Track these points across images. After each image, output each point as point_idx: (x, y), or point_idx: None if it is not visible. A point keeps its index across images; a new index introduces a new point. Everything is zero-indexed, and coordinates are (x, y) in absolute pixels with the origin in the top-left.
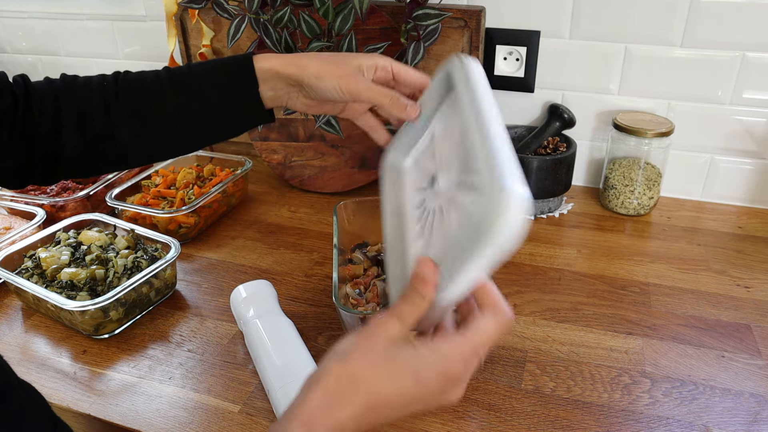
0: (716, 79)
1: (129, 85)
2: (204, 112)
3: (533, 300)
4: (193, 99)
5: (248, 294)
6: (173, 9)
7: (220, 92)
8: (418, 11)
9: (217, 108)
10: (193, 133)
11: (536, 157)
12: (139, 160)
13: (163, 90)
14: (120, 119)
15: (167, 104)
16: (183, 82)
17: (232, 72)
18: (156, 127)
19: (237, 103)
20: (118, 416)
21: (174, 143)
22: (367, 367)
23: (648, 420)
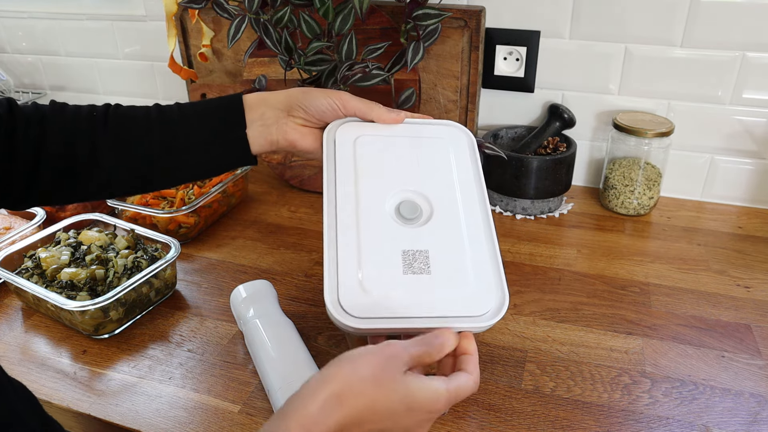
0: (716, 79)
1: (118, 117)
2: (189, 150)
3: (533, 300)
4: (178, 136)
5: (248, 294)
6: (173, 9)
7: (206, 131)
8: (418, 11)
9: (201, 147)
10: (176, 170)
11: (536, 157)
12: (119, 191)
13: (151, 125)
14: (105, 149)
15: (153, 139)
16: (171, 119)
17: (221, 110)
18: (140, 161)
19: (222, 144)
20: (118, 416)
21: (156, 178)
22: (370, 384)
23: (648, 420)
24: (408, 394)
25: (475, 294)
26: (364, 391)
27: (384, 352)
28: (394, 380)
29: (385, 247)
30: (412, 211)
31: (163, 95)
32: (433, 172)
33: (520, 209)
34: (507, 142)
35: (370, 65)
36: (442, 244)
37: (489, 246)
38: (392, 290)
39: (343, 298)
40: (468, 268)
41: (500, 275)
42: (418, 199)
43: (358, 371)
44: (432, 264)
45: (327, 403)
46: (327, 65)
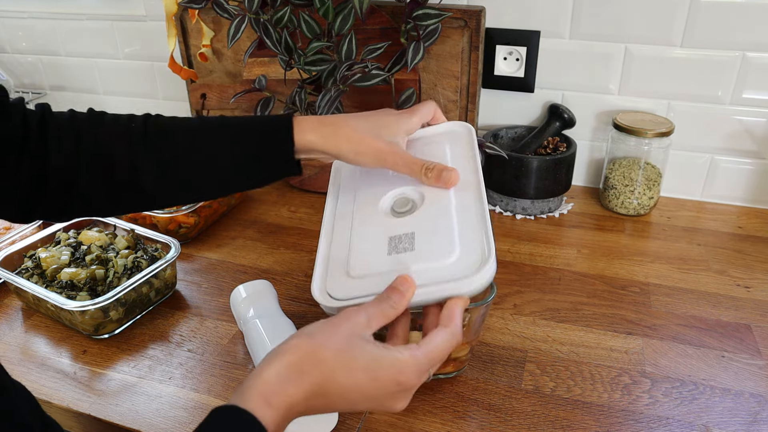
0: (716, 79)
1: (158, 130)
2: (232, 168)
3: (533, 300)
4: (222, 153)
5: (248, 294)
6: (173, 9)
7: (252, 152)
8: (418, 11)
9: (246, 166)
10: (219, 186)
11: (536, 157)
12: (159, 205)
13: (194, 140)
14: (145, 166)
15: (195, 155)
16: (215, 135)
17: (268, 134)
18: (182, 177)
19: (268, 163)
20: (118, 416)
21: (198, 192)
22: (329, 351)
23: (648, 420)
24: (369, 364)
25: (459, 260)
26: (323, 358)
27: (341, 318)
28: (354, 347)
29: (374, 237)
30: (404, 204)
31: (163, 95)
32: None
33: (520, 209)
34: (507, 142)
35: (370, 65)
36: (429, 224)
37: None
38: (376, 271)
39: (329, 283)
40: (454, 239)
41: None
42: (411, 193)
43: (315, 339)
44: (417, 242)
45: (285, 371)
46: (327, 65)
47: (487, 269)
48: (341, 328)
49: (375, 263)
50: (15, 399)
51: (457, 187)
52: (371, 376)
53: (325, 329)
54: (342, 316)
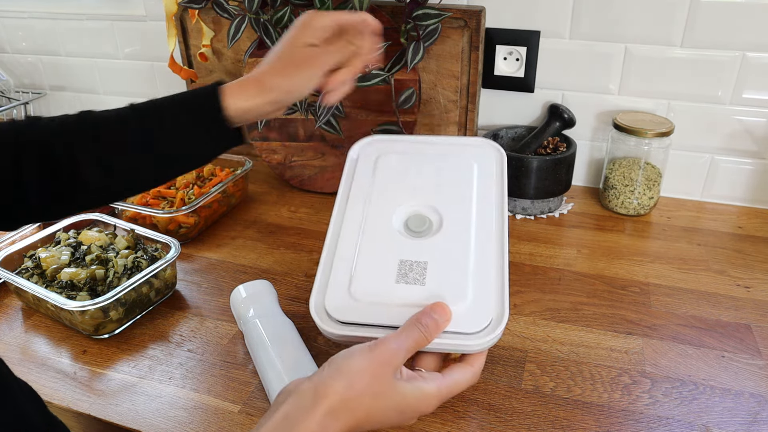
0: (716, 79)
1: (92, 123)
2: (171, 146)
3: (533, 300)
4: (156, 132)
5: (248, 294)
6: (173, 9)
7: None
8: (418, 11)
9: (183, 141)
10: (160, 167)
11: (536, 157)
12: (108, 198)
13: (126, 126)
14: (86, 160)
15: (131, 140)
16: (146, 116)
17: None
18: (122, 164)
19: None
20: (118, 416)
21: (142, 178)
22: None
23: (648, 420)
24: (400, 401)
25: (471, 310)
26: (360, 404)
27: (378, 359)
28: (390, 388)
29: (383, 256)
30: (420, 224)
31: (163, 95)
32: (451, 188)
33: (520, 209)
34: (507, 142)
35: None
36: (444, 257)
37: (497, 262)
38: (381, 298)
39: (328, 299)
40: (467, 282)
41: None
42: (429, 213)
43: (354, 386)
44: (428, 276)
45: (324, 419)
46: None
47: (500, 329)
48: (378, 369)
49: (381, 290)
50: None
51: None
52: (400, 411)
53: (364, 372)
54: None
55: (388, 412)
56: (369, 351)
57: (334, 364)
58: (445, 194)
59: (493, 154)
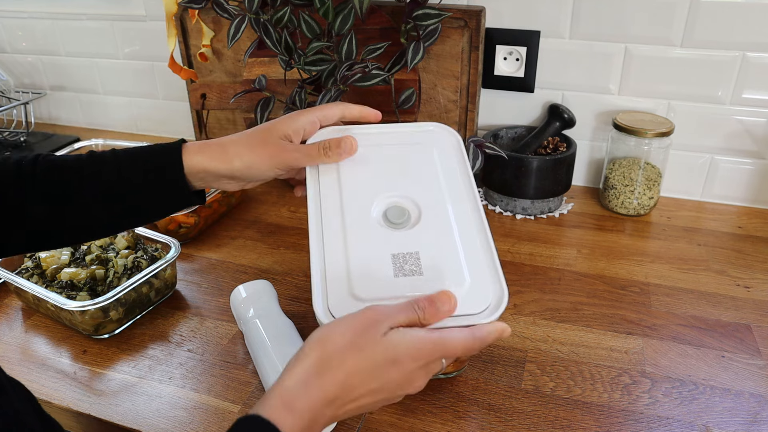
0: (716, 79)
1: (47, 166)
2: (125, 198)
3: (533, 300)
4: (114, 183)
5: (248, 294)
6: (173, 9)
7: (141, 179)
8: (418, 11)
9: (138, 195)
10: (113, 219)
11: (536, 157)
12: (56, 242)
13: (82, 172)
14: (33, 198)
15: (86, 186)
16: (104, 166)
17: (157, 161)
18: (74, 208)
19: (159, 190)
20: (118, 416)
21: (94, 226)
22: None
23: (648, 420)
24: (389, 348)
25: (472, 291)
26: (343, 358)
27: (363, 319)
28: (375, 342)
29: (374, 252)
30: (399, 215)
31: (163, 95)
32: (418, 176)
33: (520, 209)
34: (507, 142)
35: (370, 65)
36: (433, 245)
37: (483, 242)
38: (385, 295)
39: (334, 308)
40: (462, 265)
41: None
42: (404, 203)
43: (335, 342)
44: (423, 265)
45: (305, 376)
46: (327, 65)
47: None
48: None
49: (383, 286)
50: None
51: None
52: (391, 361)
53: (345, 328)
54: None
55: (379, 362)
56: (353, 314)
57: (317, 331)
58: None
59: (447, 137)
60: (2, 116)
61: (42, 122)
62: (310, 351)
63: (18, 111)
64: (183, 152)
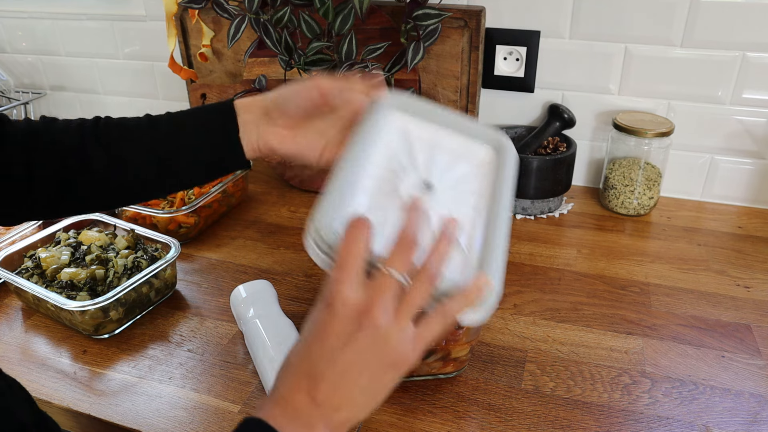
0: (716, 79)
1: (109, 126)
2: (182, 159)
3: (533, 300)
4: (170, 141)
5: (248, 294)
6: (173, 9)
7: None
8: (418, 11)
9: (195, 151)
10: (168, 176)
11: (536, 157)
12: (117, 203)
13: (142, 132)
14: (97, 156)
15: (144, 145)
16: (161, 125)
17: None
18: (133, 167)
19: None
20: (118, 416)
21: (149, 185)
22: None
23: (648, 420)
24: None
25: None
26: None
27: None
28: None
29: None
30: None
31: (163, 95)
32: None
33: (520, 209)
34: None
35: (370, 65)
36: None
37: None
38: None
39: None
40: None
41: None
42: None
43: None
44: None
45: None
46: (327, 65)
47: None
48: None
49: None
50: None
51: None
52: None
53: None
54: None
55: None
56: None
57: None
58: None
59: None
60: None
61: None
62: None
63: (18, 111)
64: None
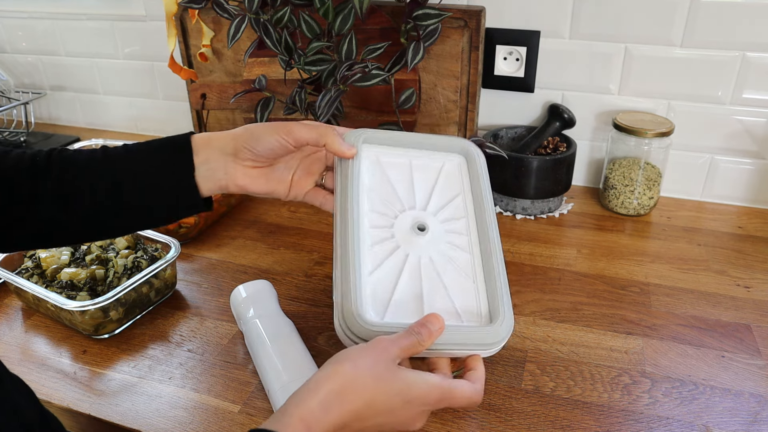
0: (716, 79)
1: (61, 162)
2: (135, 193)
3: (533, 300)
4: (125, 178)
5: (248, 294)
6: (173, 9)
7: (153, 170)
8: (418, 11)
9: (149, 189)
10: (124, 217)
11: (536, 157)
12: (63, 240)
13: (96, 168)
14: (46, 195)
15: (99, 183)
16: (117, 161)
17: (168, 148)
18: (84, 207)
19: (170, 184)
20: (118, 416)
21: (104, 226)
22: (370, 378)
23: (648, 420)
24: (404, 388)
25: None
26: (364, 386)
27: (377, 348)
28: (392, 373)
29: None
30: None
31: (163, 95)
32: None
33: (520, 209)
34: (507, 142)
35: (370, 65)
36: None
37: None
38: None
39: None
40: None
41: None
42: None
43: (358, 368)
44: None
45: (327, 398)
46: (327, 65)
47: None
48: (379, 356)
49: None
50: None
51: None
52: (405, 400)
53: (367, 357)
54: (377, 345)
55: (393, 399)
56: (366, 344)
57: (333, 358)
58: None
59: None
60: (2, 116)
61: (42, 122)
62: (335, 375)
63: (18, 111)
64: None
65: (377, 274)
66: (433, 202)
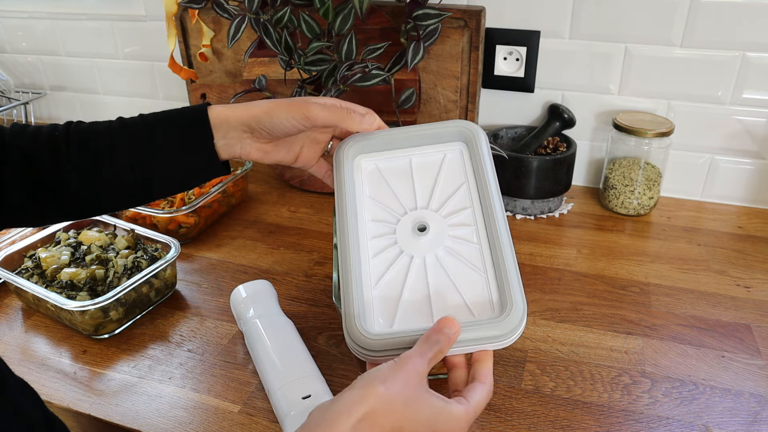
0: (716, 79)
1: (80, 134)
2: (156, 162)
3: (533, 300)
4: (144, 149)
5: (248, 294)
6: (173, 9)
7: (172, 142)
8: (418, 11)
9: (169, 158)
10: (145, 185)
11: (536, 157)
12: (90, 211)
13: (114, 140)
14: (70, 167)
15: (118, 154)
16: (135, 132)
17: (185, 121)
18: (107, 177)
19: (190, 153)
20: (118, 416)
21: (125, 194)
22: (400, 403)
23: (648, 420)
24: (432, 417)
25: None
26: (393, 411)
27: (407, 369)
28: (420, 398)
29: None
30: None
31: (163, 95)
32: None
33: (520, 209)
34: (507, 142)
35: (370, 65)
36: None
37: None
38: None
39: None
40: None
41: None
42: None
43: (389, 390)
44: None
45: (360, 422)
46: (327, 65)
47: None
48: (410, 377)
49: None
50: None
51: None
52: (431, 425)
53: (394, 377)
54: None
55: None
56: (394, 362)
57: (362, 378)
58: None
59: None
60: (2, 116)
61: (42, 122)
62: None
63: (18, 111)
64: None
65: (383, 282)
66: (436, 198)
